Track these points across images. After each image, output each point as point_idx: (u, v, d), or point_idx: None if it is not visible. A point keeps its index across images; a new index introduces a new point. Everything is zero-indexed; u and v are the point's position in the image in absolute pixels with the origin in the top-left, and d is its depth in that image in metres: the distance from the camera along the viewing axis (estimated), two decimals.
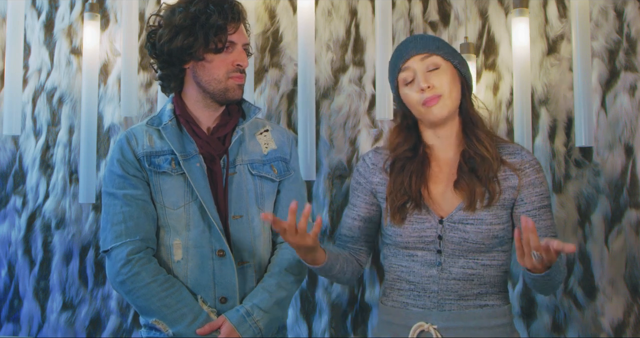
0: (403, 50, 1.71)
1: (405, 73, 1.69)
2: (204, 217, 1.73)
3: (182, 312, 1.68)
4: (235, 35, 1.76)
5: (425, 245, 1.67)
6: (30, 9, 2.93)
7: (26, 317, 2.82)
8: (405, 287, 1.70)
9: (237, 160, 1.80)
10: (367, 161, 1.81)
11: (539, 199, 1.69)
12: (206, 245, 1.73)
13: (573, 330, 2.51)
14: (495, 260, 1.68)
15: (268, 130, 1.89)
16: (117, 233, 1.72)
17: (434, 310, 1.65)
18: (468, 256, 1.66)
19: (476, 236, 1.64)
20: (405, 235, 1.68)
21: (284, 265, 1.79)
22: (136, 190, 1.74)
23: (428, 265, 1.67)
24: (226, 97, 1.78)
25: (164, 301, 1.68)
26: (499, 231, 1.66)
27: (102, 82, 2.84)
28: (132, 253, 1.70)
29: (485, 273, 1.66)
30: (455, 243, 1.65)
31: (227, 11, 1.73)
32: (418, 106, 1.67)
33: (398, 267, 1.72)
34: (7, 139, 2.89)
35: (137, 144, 1.78)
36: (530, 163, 1.70)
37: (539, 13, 2.64)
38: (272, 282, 1.77)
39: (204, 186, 1.74)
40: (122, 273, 1.69)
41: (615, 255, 2.51)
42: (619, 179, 2.54)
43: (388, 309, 1.74)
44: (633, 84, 2.56)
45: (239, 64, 1.77)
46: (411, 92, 1.68)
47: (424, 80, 1.65)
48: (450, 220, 1.65)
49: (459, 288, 1.65)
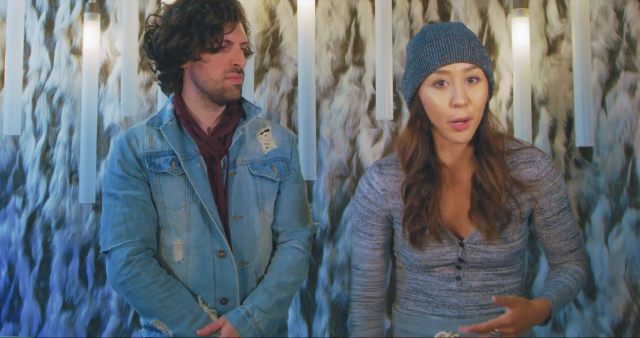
0: (446, 50, 1.49)
1: (441, 76, 1.49)
2: (205, 217, 1.73)
3: (182, 313, 1.68)
4: (232, 35, 1.76)
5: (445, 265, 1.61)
6: (30, 9, 2.93)
7: (26, 317, 2.82)
8: (422, 298, 1.65)
9: (237, 160, 1.80)
10: (374, 187, 1.67)
11: (558, 204, 1.63)
12: (207, 246, 1.73)
13: (573, 330, 2.51)
14: (514, 268, 1.64)
15: (269, 130, 1.89)
16: (118, 234, 1.71)
17: (454, 319, 1.61)
18: (488, 269, 1.61)
19: (499, 256, 1.58)
20: (425, 259, 1.61)
21: (284, 266, 1.79)
22: (137, 191, 1.74)
23: (446, 279, 1.61)
24: (223, 97, 1.78)
25: (164, 302, 1.68)
26: (520, 245, 1.61)
27: (102, 82, 2.84)
28: (132, 254, 1.69)
29: (504, 282, 1.63)
30: (477, 263, 1.59)
31: (223, 10, 1.73)
32: (443, 120, 1.50)
33: (414, 280, 1.67)
34: (7, 139, 2.89)
35: (137, 144, 1.78)
36: (547, 170, 1.60)
37: (539, 13, 2.64)
38: (272, 282, 1.76)
39: (205, 186, 1.73)
40: (123, 274, 1.69)
41: (615, 255, 2.51)
42: (619, 179, 2.54)
43: (404, 317, 1.69)
44: (633, 84, 2.56)
45: (235, 64, 1.76)
46: (440, 100, 1.49)
47: (463, 95, 1.47)
48: (471, 242, 1.59)
49: (479, 299, 1.61)
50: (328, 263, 2.65)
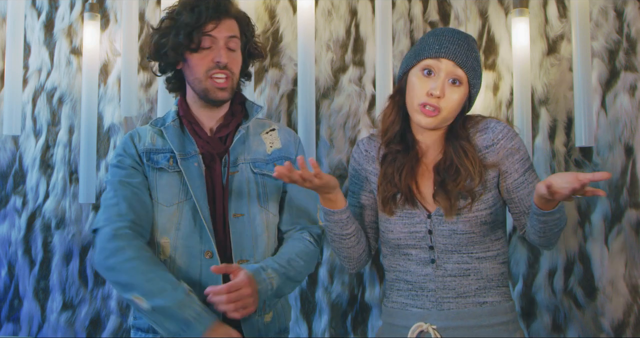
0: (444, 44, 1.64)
1: (433, 62, 1.63)
2: (196, 217, 1.73)
3: (162, 286, 1.61)
4: (215, 31, 1.77)
5: (417, 241, 1.67)
6: (30, 9, 2.93)
7: (26, 317, 2.82)
8: (403, 287, 1.70)
9: (239, 159, 1.81)
10: (360, 147, 1.82)
11: (521, 164, 1.67)
12: (195, 246, 1.73)
13: (573, 330, 2.51)
14: (490, 251, 1.67)
15: (274, 129, 1.91)
16: (109, 214, 1.71)
17: (432, 310, 1.65)
18: (461, 250, 1.65)
19: (464, 225, 1.63)
20: (396, 231, 1.68)
21: (295, 250, 1.78)
22: (133, 179, 1.76)
23: (423, 263, 1.67)
24: (208, 97, 1.80)
25: (147, 275, 1.62)
26: (487, 216, 1.65)
27: (102, 82, 2.84)
28: (120, 229, 1.67)
29: (481, 267, 1.66)
30: (446, 237, 1.64)
31: (202, 10, 1.76)
32: (415, 102, 1.64)
33: (396, 267, 1.72)
34: (7, 139, 2.89)
35: (139, 141, 1.82)
36: (503, 133, 1.68)
37: (539, 13, 2.64)
38: (283, 258, 1.74)
39: (199, 185, 1.74)
40: (107, 248, 1.66)
41: (615, 255, 2.51)
42: (619, 179, 2.54)
43: (389, 311, 1.74)
44: (633, 84, 2.56)
45: (217, 61, 1.77)
46: (420, 84, 1.64)
47: (441, 87, 1.61)
48: (438, 214, 1.65)
49: (456, 285, 1.65)
50: (328, 263, 2.65)
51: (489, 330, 1.64)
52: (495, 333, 1.64)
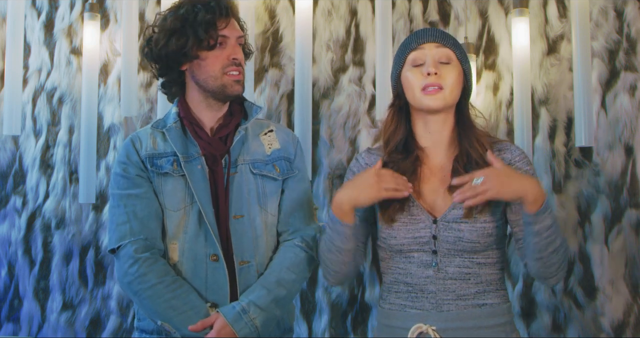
0: (420, 34, 1.71)
1: (417, 53, 1.68)
2: (201, 220, 1.73)
3: (188, 315, 1.67)
4: (226, 30, 1.77)
5: (420, 246, 1.66)
6: (30, 9, 2.93)
7: (26, 317, 2.82)
8: (402, 289, 1.69)
9: (239, 159, 1.80)
10: (360, 161, 1.81)
11: None
12: (200, 249, 1.73)
13: (573, 330, 2.51)
14: (490, 258, 1.68)
15: (273, 131, 1.90)
16: (122, 234, 1.72)
17: (432, 311, 1.65)
18: (463, 255, 1.65)
19: (471, 234, 1.63)
20: (400, 237, 1.67)
21: (285, 264, 1.77)
22: (140, 189, 1.75)
23: (424, 266, 1.66)
24: (225, 93, 1.79)
25: (170, 303, 1.67)
26: (493, 229, 1.65)
27: (102, 82, 2.85)
28: (139, 252, 1.69)
29: (481, 272, 1.66)
30: (450, 243, 1.64)
31: (215, 7, 1.75)
32: (416, 90, 1.66)
33: (395, 269, 1.71)
34: (7, 139, 2.89)
35: (141, 146, 1.80)
36: (520, 156, 1.70)
37: (539, 13, 2.64)
38: (271, 279, 1.75)
39: (203, 189, 1.74)
40: (130, 273, 1.69)
41: (615, 255, 2.51)
42: (619, 179, 2.54)
43: (386, 312, 1.73)
44: (633, 84, 2.56)
45: (234, 58, 1.77)
46: (414, 75, 1.67)
47: (434, 64, 1.65)
48: (444, 220, 1.65)
49: (456, 287, 1.65)
50: None
51: (488, 331, 1.64)
52: (493, 334, 1.64)
